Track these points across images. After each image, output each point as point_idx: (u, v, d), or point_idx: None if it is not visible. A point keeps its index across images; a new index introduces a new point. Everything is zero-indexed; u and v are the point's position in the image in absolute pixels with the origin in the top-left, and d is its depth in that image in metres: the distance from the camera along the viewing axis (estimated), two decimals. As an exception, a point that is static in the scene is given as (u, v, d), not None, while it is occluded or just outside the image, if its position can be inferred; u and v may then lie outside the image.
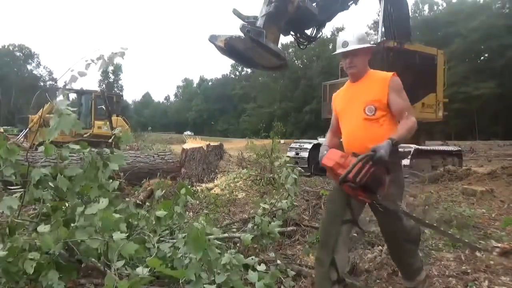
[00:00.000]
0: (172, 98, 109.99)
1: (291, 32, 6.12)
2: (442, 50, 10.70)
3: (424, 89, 9.66)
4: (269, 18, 5.21)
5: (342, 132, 2.43)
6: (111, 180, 2.43)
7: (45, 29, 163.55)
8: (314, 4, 5.76)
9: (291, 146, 11.12)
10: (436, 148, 9.88)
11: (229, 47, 5.04)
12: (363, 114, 2.24)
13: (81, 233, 1.90)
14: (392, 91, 2.23)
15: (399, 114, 2.22)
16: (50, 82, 64.29)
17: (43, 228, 1.88)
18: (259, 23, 5.22)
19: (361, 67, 2.34)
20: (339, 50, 2.35)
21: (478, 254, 3.22)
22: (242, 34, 4.95)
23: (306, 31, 6.02)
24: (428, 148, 9.39)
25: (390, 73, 2.29)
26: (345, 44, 2.31)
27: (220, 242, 2.55)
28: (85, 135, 7.96)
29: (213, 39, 5.16)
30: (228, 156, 8.98)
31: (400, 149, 2.29)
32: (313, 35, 6.15)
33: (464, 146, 19.74)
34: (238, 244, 3.02)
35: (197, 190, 5.61)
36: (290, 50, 56.16)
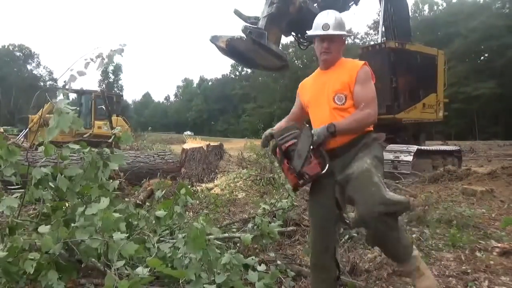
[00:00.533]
0: (172, 98, 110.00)
1: (292, 33, 6.13)
2: (442, 51, 10.71)
3: (425, 89, 9.67)
4: (271, 19, 5.22)
5: (312, 122, 2.29)
6: (111, 180, 2.43)
7: (45, 29, 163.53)
8: (315, 5, 5.77)
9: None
10: (437, 148, 9.88)
11: (230, 48, 5.06)
12: (332, 103, 2.13)
13: (81, 233, 1.90)
14: (359, 80, 2.12)
15: (357, 105, 2.10)
16: (50, 82, 64.33)
17: (43, 228, 1.88)
18: (261, 24, 5.23)
19: (335, 54, 2.21)
20: (318, 31, 2.19)
21: (478, 254, 3.22)
22: (243, 35, 4.96)
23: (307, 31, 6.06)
24: (430, 148, 9.39)
25: (361, 62, 2.19)
26: (326, 26, 2.16)
27: (220, 242, 2.56)
28: (85, 135, 7.96)
29: (214, 39, 5.17)
30: (228, 156, 8.99)
31: (374, 135, 2.17)
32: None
33: (464, 146, 19.71)
34: (238, 244, 3.02)
35: (197, 190, 5.62)
36: (290, 50, 56.16)
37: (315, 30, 2.21)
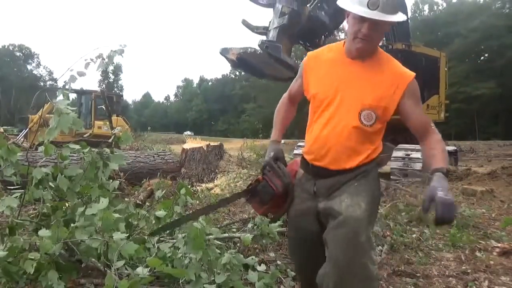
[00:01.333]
0: (172, 98, 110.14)
1: (300, 41, 6.18)
2: (444, 53, 10.77)
3: (428, 90, 9.74)
4: (283, 30, 5.28)
5: (312, 127, 1.70)
6: (111, 180, 2.43)
7: (45, 29, 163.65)
8: (323, 13, 5.83)
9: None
10: None
11: (240, 60, 5.11)
12: (354, 120, 1.56)
13: (81, 233, 1.90)
14: (410, 97, 1.58)
15: (423, 129, 1.60)
16: (50, 82, 64.30)
17: (43, 232, 1.88)
18: (272, 35, 5.28)
19: (376, 43, 1.62)
20: (360, 8, 1.49)
21: (478, 254, 3.22)
22: (255, 48, 5.01)
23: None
24: None
25: (411, 73, 1.61)
26: (374, 4, 1.47)
27: (220, 242, 2.55)
28: (85, 135, 7.96)
29: (224, 52, 5.23)
30: (228, 156, 8.98)
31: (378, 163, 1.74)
32: (321, 43, 6.22)
33: (464, 146, 19.74)
34: (238, 244, 3.02)
35: (197, 190, 5.61)
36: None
37: (355, 3, 1.51)
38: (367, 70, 1.60)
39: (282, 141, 2.06)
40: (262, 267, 2.35)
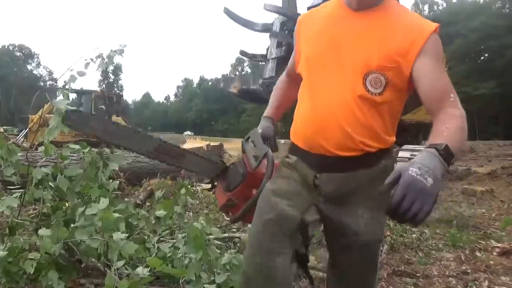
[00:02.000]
0: (172, 98, 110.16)
1: None
2: (444, 53, 10.76)
3: None
4: (280, 61, 5.41)
5: (306, 100, 1.27)
6: (111, 180, 2.43)
7: (45, 29, 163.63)
8: None
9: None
10: None
11: (242, 93, 5.36)
12: (358, 87, 1.15)
13: (81, 233, 1.90)
14: (428, 55, 1.12)
15: (437, 100, 1.11)
16: (50, 82, 64.35)
17: (43, 231, 1.88)
18: (271, 66, 5.45)
19: None
20: None
21: (478, 254, 3.22)
22: (257, 86, 5.25)
23: None
24: None
25: (431, 24, 1.16)
26: None
27: (220, 242, 2.56)
28: (85, 135, 7.97)
29: (226, 86, 5.60)
30: (228, 156, 8.99)
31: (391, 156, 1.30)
32: None
33: (464, 146, 19.67)
34: (238, 244, 3.02)
35: (197, 190, 5.61)
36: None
37: None
38: (373, 23, 1.18)
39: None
40: (262, 267, 2.34)
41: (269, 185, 1.32)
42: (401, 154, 8.47)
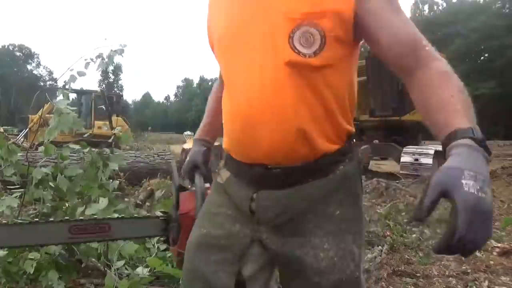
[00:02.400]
0: (172, 98, 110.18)
1: None
2: (444, 54, 10.76)
3: None
4: None
5: (226, 90, 0.94)
6: (111, 180, 2.43)
7: (45, 29, 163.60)
8: None
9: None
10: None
11: None
12: (286, 48, 0.79)
13: (81, 233, 1.90)
14: None
15: (407, 54, 0.79)
16: (50, 82, 64.35)
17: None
18: None
19: None
20: None
21: (478, 254, 3.22)
22: None
23: None
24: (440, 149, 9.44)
25: None
26: None
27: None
28: (85, 135, 7.96)
29: None
30: (228, 156, 8.97)
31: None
32: None
33: (464, 146, 19.63)
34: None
35: (197, 190, 5.62)
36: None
37: None
38: None
39: None
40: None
41: (195, 231, 0.99)
42: (403, 159, 8.37)
